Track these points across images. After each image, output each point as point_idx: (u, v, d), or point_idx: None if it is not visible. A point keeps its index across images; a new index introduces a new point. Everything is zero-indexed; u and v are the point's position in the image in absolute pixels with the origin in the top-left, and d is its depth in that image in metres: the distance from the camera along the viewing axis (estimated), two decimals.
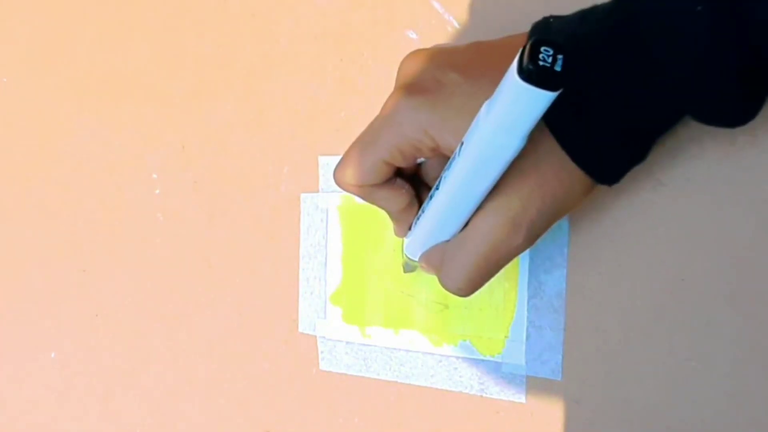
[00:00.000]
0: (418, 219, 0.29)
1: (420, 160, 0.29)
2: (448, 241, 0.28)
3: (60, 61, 0.48)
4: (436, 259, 0.29)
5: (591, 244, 0.33)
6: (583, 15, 0.26)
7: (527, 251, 0.33)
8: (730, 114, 0.24)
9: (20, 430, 0.52)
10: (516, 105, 0.22)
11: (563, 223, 0.33)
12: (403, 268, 0.33)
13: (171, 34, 0.44)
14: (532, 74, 0.20)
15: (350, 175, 0.28)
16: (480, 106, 0.24)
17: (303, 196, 0.40)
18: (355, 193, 0.29)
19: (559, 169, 0.26)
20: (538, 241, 0.28)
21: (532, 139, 0.25)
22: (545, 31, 0.26)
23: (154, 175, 0.45)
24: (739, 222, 0.30)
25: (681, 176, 0.31)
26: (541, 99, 0.21)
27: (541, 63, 0.20)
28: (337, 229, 0.38)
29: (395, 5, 0.37)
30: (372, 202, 0.29)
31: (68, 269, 0.49)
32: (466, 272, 0.27)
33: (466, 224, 0.27)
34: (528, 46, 0.20)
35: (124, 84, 0.46)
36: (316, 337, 0.40)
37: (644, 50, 0.23)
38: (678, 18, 0.22)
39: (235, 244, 0.42)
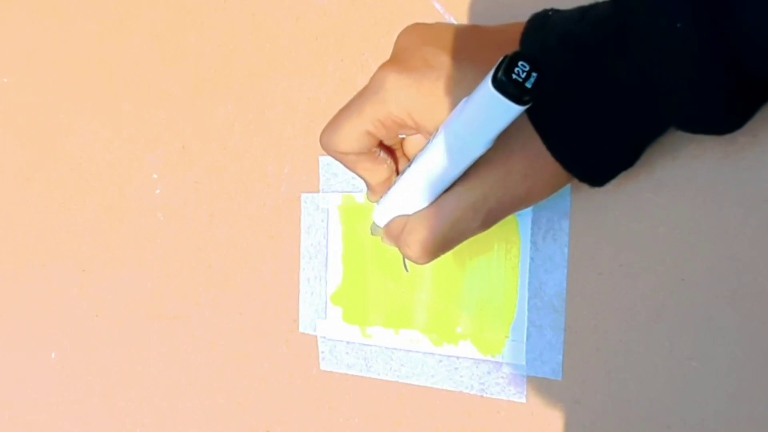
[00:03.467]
0: (390, 188, 0.30)
1: (402, 135, 0.29)
2: (409, 216, 0.29)
3: (60, 61, 0.48)
4: (396, 230, 0.30)
5: (591, 244, 0.33)
6: (583, 14, 0.26)
7: (528, 252, 0.34)
8: (715, 124, 0.24)
9: (20, 430, 0.52)
10: (485, 110, 0.23)
11: (563, 222, 0.33)
12: (371, 230, 0.34)
13: (171, 34, 0.44)
14: (503, 85, 0.22)
15: (335, 140, 0.29)
16: (464, 95, 0.24)
17: (303, 196, 0.40)
18: (338, 159, 0.30)
19: (526, 166, 0.26)
20: (539, 239, 0.28)
21: (506, 133, 0.25)
22: (542, 26, 0.26)
23: (155, 175, 0.45)
24: (739, 222, 0.30)
25: (681, 176, 0.31)
26: (508, 110, 0.22)
27: (514, 76, 0.21)
28: (337, 229, 0.38)
29: (395, 5, 0.37)
30: (353, 171, 0.30)
31: (68, 269, 0.49)
32: (425, 244, 0.29)
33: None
34: (507, 58, 0.22)
35: (124, 84, 0.46)
36: (316, 337, 0.40)
37: (631, 60, 0.24)
38: (663, 31, 0.22)
39: (235, 244, 0.42)
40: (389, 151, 0.30)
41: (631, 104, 0.25)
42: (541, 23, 0.26)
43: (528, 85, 0.21)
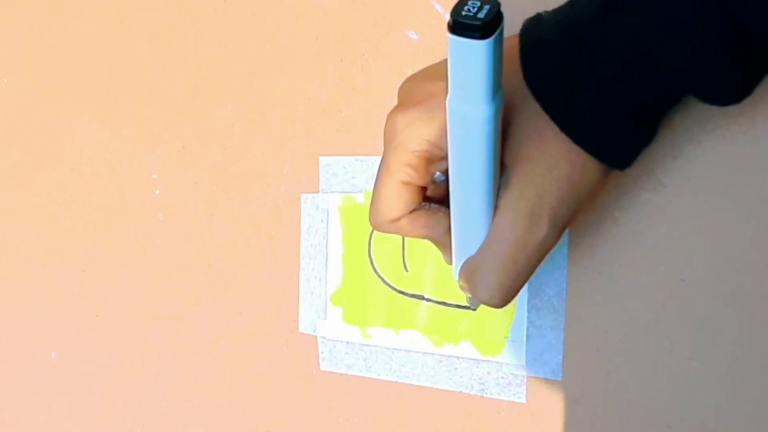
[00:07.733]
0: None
1: (438, 176, 0.28)
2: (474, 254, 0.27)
3: (60, 61, 0.48)
4: (467, 275, 0.27)
5: (591, 244, 0.33)
6: (573, 1, 0.26)
7: None
8: (722, 90, 0.24)
9: (20, 430, 0.52)
10: (456, 63, 0.22)
11: None
12: (469, 303, 0.33)
13: (171, 34, 0.44)
14: (457, 26, 0.21)
15: (381, 211, 0.27)
16: None
17: (303, 196, 0.40)
18: (396, 232, 0.28)
19: (567, 152, 0.25)
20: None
21: (535, 125, 0.25)
22: (537, 23, 0.26)
23: (154, 175, 0.45)
24: (739, 222, 0.30)
25: (681, 176, 0.31)
26: (474, 49, 0.21)
27: (464, 13, 0.21)
28: (337, 229, 0.38)
29: (395, 5, 0.37)
30: (414, 234, 0.28)
31: (68, 269, 0.49)
32: (496, 278, 0.26)
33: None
34: (455, 4, 0.21)
35: (124, 84, 0.46)
36: (316, 337, 0.40)
37: (625, 23, 0.23)
38: None
39: (235, 244, 0.42)
40: (442, 204, 0.28)
41: (632, 70, 0.24)
42: (535, 22, 0.26)
43: (481, 15, 0.20)
